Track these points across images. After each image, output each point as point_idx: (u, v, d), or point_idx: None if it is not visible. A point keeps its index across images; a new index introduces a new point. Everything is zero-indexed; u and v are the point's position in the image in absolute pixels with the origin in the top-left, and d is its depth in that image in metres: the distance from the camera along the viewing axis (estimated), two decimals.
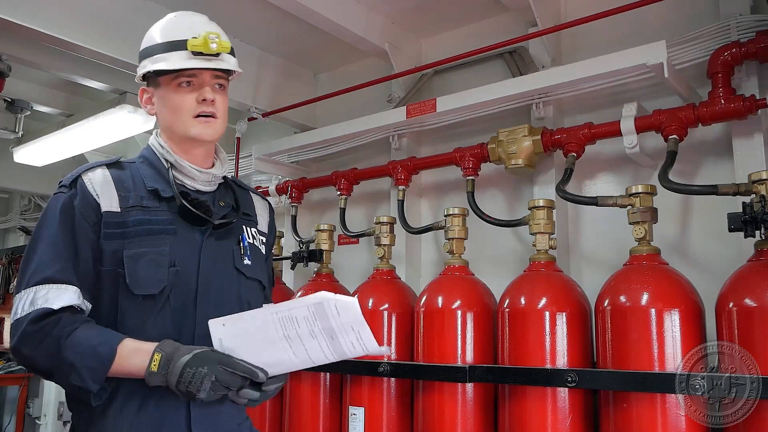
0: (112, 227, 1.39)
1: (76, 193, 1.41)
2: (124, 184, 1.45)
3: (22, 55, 3.09)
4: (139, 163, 1.53)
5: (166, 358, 1.25)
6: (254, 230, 1.61)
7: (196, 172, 1.50)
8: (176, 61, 1.45)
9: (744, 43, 2.19)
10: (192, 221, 1.45)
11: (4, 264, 6.13)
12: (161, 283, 1.37)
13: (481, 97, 2.63)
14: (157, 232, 1.41)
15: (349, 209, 3.25)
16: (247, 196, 1.68)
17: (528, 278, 2.31)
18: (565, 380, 2.01)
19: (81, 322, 1.32)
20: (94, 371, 1.28)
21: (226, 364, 1.24)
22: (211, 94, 1.47)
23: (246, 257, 1.53)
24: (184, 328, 1.39)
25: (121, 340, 1.30)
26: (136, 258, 1.37)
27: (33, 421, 5.46)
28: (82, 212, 1.39)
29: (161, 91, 1.49)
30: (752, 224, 1.87)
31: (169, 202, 1.46)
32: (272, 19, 3.03)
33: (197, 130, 1.47)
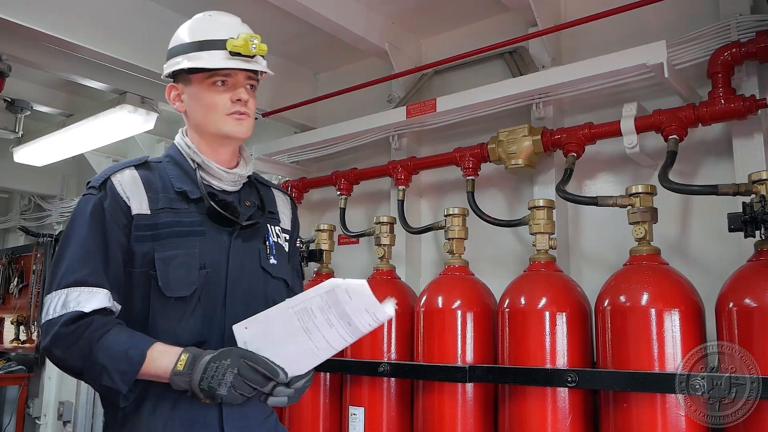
0: (142, 229, 1.41)
1: (105, 195, 1.42)
2: (152, 186, 1.46)
3: (22, 55, 3.09)
4: (166, 162, 1.53)
5: (192, 358, 1.27)
6: (278, 228, 1.62)
7: (222, 172, 1.51)
8: (215, 60, 1.45)
9: (744, 43, 2.19)
10: (220, 222, 1.47)
11: (4, 264, 6.14)
12: (192, 285, 1.39)
13: (481, 97, 2.63)
14: (187, 233, 1.43)
15: (349, 209, 3.25)
16: (270, 193, 1.68)
17: (528, 278, 2.31)
18: (565, 380, 2.01)
19: (112, 324, 1.34)
20: (124, 374, 1.30)
21: (249, 359, 1.25)
22: (246, 94, 1.48)
23: (272, 257, 1.54)
24: (214, 329, 1.42)
25: (152, 344, 1.32)
26: (168, 260, 1.39)
27: (33, 421, 5.46)
28: (112, 214, 1.40)
29: (193, 88, 1.50)
30: (752, 224, 1.87)
31: (197, 203, 1.47)
32: (272, 19, 3.03)
33: (231, 127, 1.48)
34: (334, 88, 3.39)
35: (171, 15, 3.01)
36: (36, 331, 5.55)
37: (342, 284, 1.25)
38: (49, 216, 5.71)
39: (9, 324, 5.87)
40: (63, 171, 5.56)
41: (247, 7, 2.98)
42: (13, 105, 3.93)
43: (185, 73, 1.50)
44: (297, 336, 1.28)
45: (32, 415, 5.46)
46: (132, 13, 2.90)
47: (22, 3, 2.54)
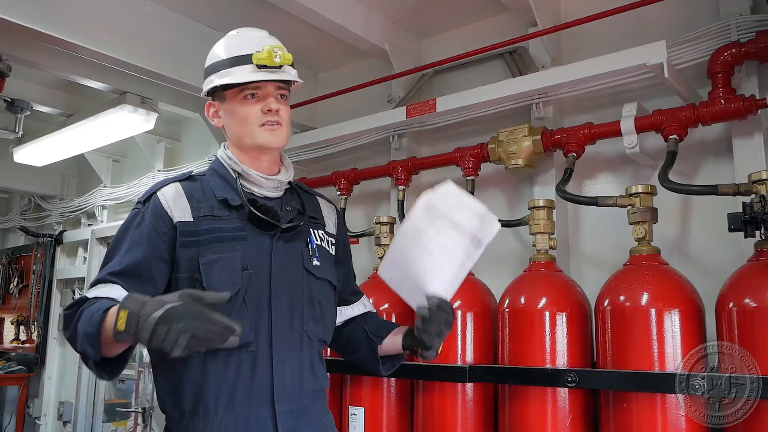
0: (186, 236, 1.47)
1: (148, 207, 1.51)
2: (195, 196, 1.53)
3: (22, 55, 3.09)
4: (209, 175, 1.60)
5: (133, 315, 1.17)
6: (321, 232, 1.67)
7: (262, 179, 1.57)
8: (242, 75, 1.52)
9: (744, 43, 2.19)
10: (261, 226, 1.52)
11: (4, 264, 6.14)
12: (236, 286, 1.43)
13: (481, 97, 2.63)
14: (229, 238, 1.48)
15: (349, 209, 3.25)
16: (313, 200, 1.74)
17: (528, 278, 2.31)
18: (565, 380, 2.01)
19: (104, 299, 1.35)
20: (89, 336, 1.29)
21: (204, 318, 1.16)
22: (276, 104, 1.54)
23: (315, 258, 1.59)
24: (261, 329, 1.46)
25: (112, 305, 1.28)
26: (211, 263, 1.44)
27: (33, 421, 5.46)
28: (153, 224, 1.48)
29: (228, 104, 1.57)
30: (752, 224, 1.88)
31: (239, 210, 1.53)
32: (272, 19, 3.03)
33: (264, 138, 1.54)
34: (334, 88, 3.39)
35: (171, 15, 3.02)
36: (36, 331, 5.55)
37: (431, 195, 1.37)
38: (49, 216, 5.72)
39: (9, 324, 5.88)
40: (63, 171, 5.57)
41: (247, 8, 2.99)
42: (13, 105, 3.93)
43: (219, 90, 1.57)
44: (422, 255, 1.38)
45: (32, 415, 5.46)
46: (132, 13, 2.90)
47: (22, 3, 2.54)
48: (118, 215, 5.13)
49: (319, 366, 1.58)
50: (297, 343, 1.51)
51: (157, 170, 4.59)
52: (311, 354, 1.55)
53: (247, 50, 1.53)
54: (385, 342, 1.73)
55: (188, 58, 2.93)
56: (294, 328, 1.51)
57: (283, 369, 1.47)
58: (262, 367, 1.45)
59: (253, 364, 1.45)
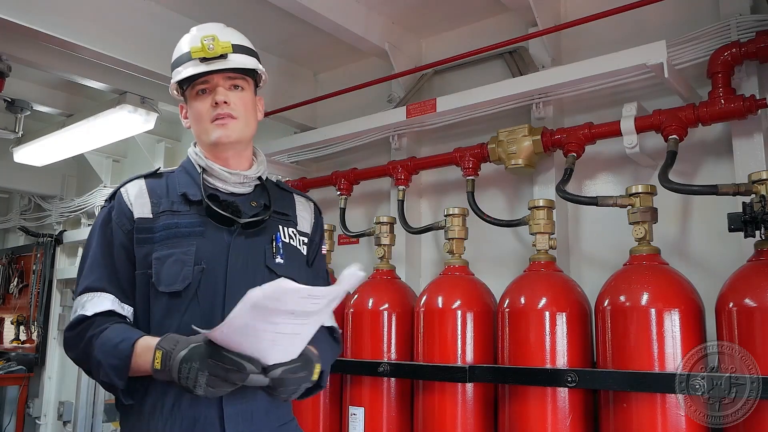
0: (143, 232, 1.46)
1: (113, 205, 1.51)
2: (156, 192, 1.52)
3: (22, 55, 3.09)
4: (178, 171, 1.59)
5: (166, 355, 1.24)
6: (292, 230, 1.61)
7: (226, 174, 1.53)
8: (185, 71, 1.51)
9: (744, 43, 2.19)
10: (220, 222, 1.48)
11: (4, 264, 6.14)
12: (186, 280, 1.41)
13: (481, 97, 2.63)
14: (185, 234, 1.46)
15: (349, 209, 3.25)
16: (288, 197, 1.69)
17: (528, 278, 2.31)
18: (565, 380, 2.01)
19: (113, 322, 1.39)
20: (116, 368, 1.32)
21: (216, 358, 1.18)
22: (222, 95, 1.49)
23: (278, 256, 1.53)
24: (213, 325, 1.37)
25: (139, 337, 1.33)
26: (163, 259, 1.43)
27: (33, 421, 5.46)
28: (118, 222, 1.48)
29: (188, 104, 1.57)
30: (752, 224, 1.87)
31: (198, 205, 1.50)
32: (272, 19, 3.03)
33: (215, 134, 1.51)
34: (334, 88, 3.39)
35: (171, 15, 3.02)
36: (36, 331, 5.55)
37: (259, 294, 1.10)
38: (49, 216, 5.71)
39: (9, 324, 5.88)
40: (63, 171, 5.57)
41: (248, 7, 2.99)
42: (13, 105, 3.93)
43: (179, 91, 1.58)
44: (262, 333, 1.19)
45: (32, 415, 5.46)
46: (132, 13, 2.90)
47: (22, 3, 2.54)
48: None
49: None
50: None
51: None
52: None
53: (192, 44, 1.51)
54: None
55: None
56: None
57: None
58: None
59: None
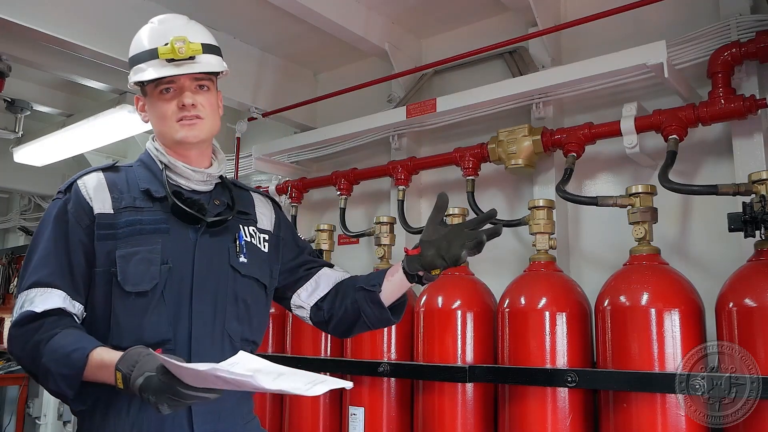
0: (104, 228, 1.40)
1: (70, 198, 1.43)
2: (117, 187, 1.46)
3: (22, 55, 3.09)
4: (137, 166, 1.54)
5: (125, 377, 1.18)
6: (252, 228, 1.60)
7: (190, 171, 1.51)
8: (151, 72, 1.47)
9: (744, 43, 2.19)
10: (185, 220, 1.46)
11: (4, 264, 6.14)
12: (153, 279, 1.38)
13: (481, 97, 2.63)
14: (150, 231, 1.42)
15: (349, 209, 3.25)
16: (247, 195, 1.68)
17: (528, 278, 2.31)
18: (565, 380, 2.01)
19: (63, 327, 1.31)
20: (67, 378, 1.27)
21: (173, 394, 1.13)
22: (191, 98, 1.47)
23: (242, 255, 1.52)
24: (180, 326, 1.39)
25: (93, 348, 1.27)
26: (128, 257, 1.38)
27: (33, 421, 5.46)
28: (75, 216, 1.41)
29: (149, 99, 1.53)
30: (752, 224, 1.87)
31: (162, 201, 1.46)
32: (272, 19, 3.03)
33: (182, 134, 1.48)
34: (334, 88, 3.39)
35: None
36: None
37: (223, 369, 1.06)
38: None
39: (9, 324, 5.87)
40: (63, 171, 5.55)
41: (247, 7, 2.99)
42: (13, 105, 3.93)
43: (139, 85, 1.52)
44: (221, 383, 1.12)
45: (32, 415, 5.46)
46: (132, 12, 2.90)
47: (22, 3, 2.54)
48: None
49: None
50: (219, 342, 1.43)
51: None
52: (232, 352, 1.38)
53: (156, 43, 1.47)
54: (384, 288, 1.60)
55: None
56: (215, 327, 1.44)
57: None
58: None
59: None
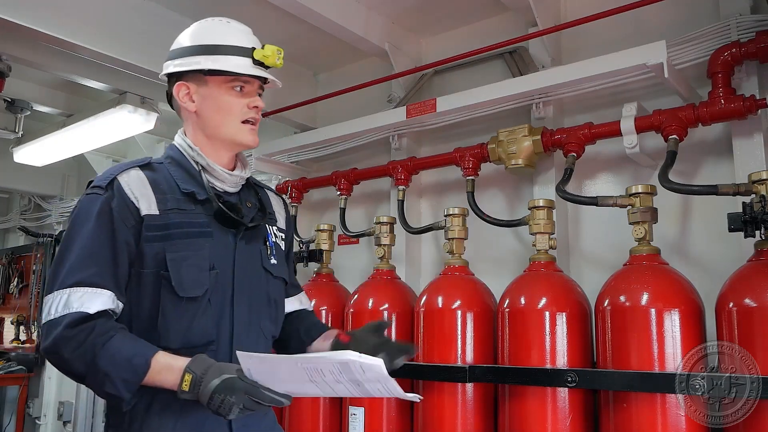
0: (153, 230, 1.39)
1: (113, 195, 1.39)
2: (159, 186, 1.45)
3: (22, 55, 3.08)
4: (167, 164, 1.51)
5: (196, 380, 1.24)
6: (275, 228, 1.64)
7: (226, 175, 1.52)
8: (242, 67, 1.49)
9: (744, 43, 2.19)
10: (226, 224, 1.48)
11: (4, 264, 6.13)
12: (204, 285, 1.40)
13: (481, 97, 2.63)
14: (196, 234, 1.43)
15: (349, 209, 3.25)
16: (265, 194, 1.70)
17: (528, 278, 2.31)
18: (565, 380, 2.01)
19: (116, 330, 1.32)
20: (127, 382, 1.29)
21: (253, 394, 1.22)
22: (261, 102, 1.54)
23: (272, 257, 1.57)
24: (222, 328, 1.43)
25: (155, 354, 1.30)
26: (179, 260, 1.39)
27: (33, 421, 5.46)
28: (120, 215, 1.38)
29: (207, 89, 1.50)
30: (752, 224, 1.88)
31: (204, 204, 1.47)
32: (272, 19, 3.03)
33: (245, 136, 1.52)
34: (334, 88, 3.39)
35: (171, 15, 3.02)
36: (36, 331, 5.55)
37: (356, 361, 1.18)
38: (49, 216, 5.71)
39: (9, 324, 5.87)
40: (63, 171, 5.56)
41: (247, 7, 2.99)
42: (13, 105, 3.93)
43: (203, 74, 1.50)
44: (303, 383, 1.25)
45: (32, 415, 5.46)
46: (132, 12, 2.90)
47: (22, 3, 2.54)
48: None
49: None
50: (254, 342, 1.48)
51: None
52: (266, 350, 1.53)
53: (246, 43, 1.51)
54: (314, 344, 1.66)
55: None
56: (252, 327, 1.49)
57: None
58: None
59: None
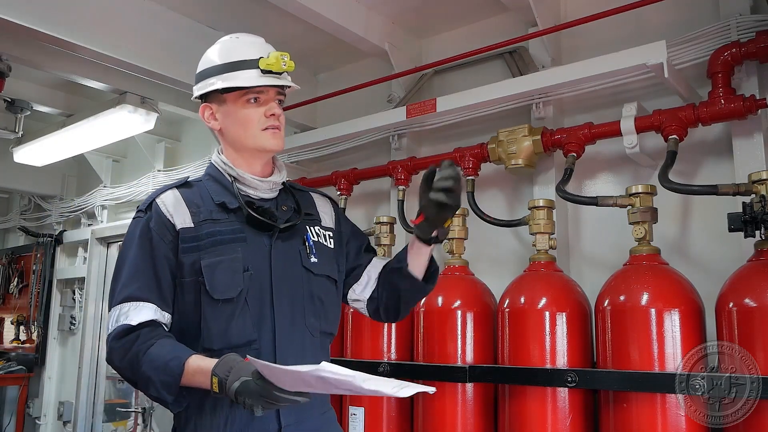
0: (188, 241, 1.50)
1: (151, 216, 1.53)
2: (193, 201, 1.56)
3: (22, 55, 3.09)
4: (206, 180, 1.63)
5: (221, 382, 1.28)
6: (318, 228, 1.68)
7: (257, 182, 1.60)
8: (249, 79, 1.54)
9: (744, 43, 2.19)
10: (259, 227, 1.55)
11: (4, 264, 6.14)
12: (238, 287, 1.47)
13: (481, 97, 2.63)
14: (229, 240, 1.51)
15: (349, 209, 3.25)
16: (307, 197, 1.75)
17: (528, 278, 2.31)
18: (565, 380, 2.01)
19: (159, 337, 1.43)
20: (167, 384, 1.37)
21: (266, 396, 1.24)
22: (278, 108, 1.58)
23: (312, 255, 1.61)
24: (264, 328, 1.49)
25: (189, 356, 1.37)
26: (213, 266, 1.48)
27: (33, 421, 5.46)
28: (159, 233, 1.51)
29: (227, 107, 1.58)
30: (752, 224, 1.88)
31: (236, 212, 1.55)
32: (272, 19, 3.03)
33: (266, 141, 1.57)
34: (334, 88, 3.39)
35: (171, 15, 3.02)
36: (36, 331, 5.55)
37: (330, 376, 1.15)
38: (49, 216, 5.72)
39: (9, 324, 5.88)
40: (63, 171, 5.57)
41: (247, 7, 2.99)
42: (13, 105, 3.93)
43: (219, 93, 1.58)
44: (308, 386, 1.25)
45: (32, 415, 5.46)
46: (132, 13, 2.90)
47: (22, 3, 2.54)
48: (118, 215, 5.12)
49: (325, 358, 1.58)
50: (299, 339, 1.54)
51: (157, 170, 4.59)
52: (314, 348, 1.57)
53: (251, 55, 1.56)
54: (410, 261, 1.64)
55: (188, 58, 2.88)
56: (296, 325, 1.54)
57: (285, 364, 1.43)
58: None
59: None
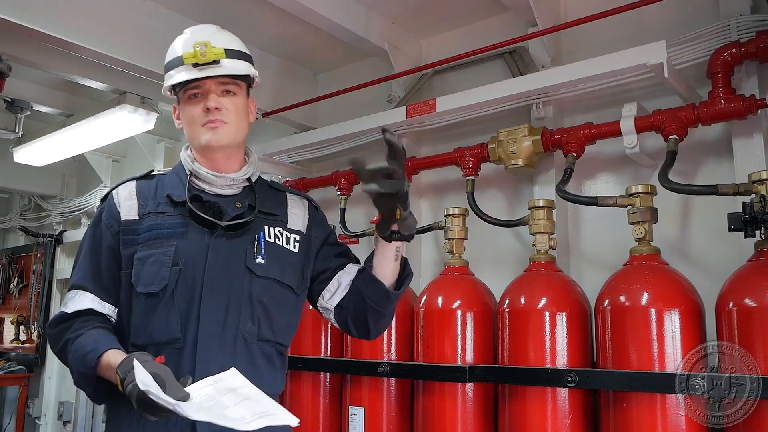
0: (128, 234, 1.50)
1: (104, 207, 1.56)
2: (144, 193, 1.56)
3: (22, 55, 3.08)
4: (170, 174, 1.63)
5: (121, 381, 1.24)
6: (279, 229, 1.60)
7: (211, 176, 1.56)
8: (177, 76, 1.52)
9: (744, 43, 2.19)
10: (202, 223, 1.51)
11: (4, 264, 6.14)
12: (163, 281, 1.44)
13: (481, 97, 2.63)
14: (167, 235, 1.49)
15: (349, 209, 3.25)
16: (281, 196, 1.68)
17: (528, 278, 2.31)
18: (565, 380, 2.01)
19: (90, 327, 1.42)
20: (83, 376, 1.38)
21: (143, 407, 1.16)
22: (215, 101, 1.51)
23: (260, 256, 1.53)
24: (190, 326, 1.44)
25: (106, 350, 1.35)
26: (144, 259, 1.46)
27: (33, 421, 5.46)
28: (107, 223, 1.53)
29: (181, 106, 1.59)
30: (752, 224, 1.87)
31: (182, 206, 1.52)
32: (272, 19, 3.03)
33: (206, 138, 1.53)
34: (334, 88, 3.39)
35: (171, 15, 3.02)
36: (36, 331, 5.56)
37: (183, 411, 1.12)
38: (49, 216, 5.71)
39: (9, 324, 5.88)
40: (63, 171, 5.57)
41: (247, 7, 2.99)
42: (13, 105, 3.93)
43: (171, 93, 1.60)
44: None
45: (32, 415, 5.46)
46: (132, 13, 2.90)
47: (22, 3, 2.53)
48: None
49: (263, 368, 1.49)
50: (230, 344, 1.45)
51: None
52: (249, 355, 1.47)
53: (183, 50, 1.52)
54: (375, 263, 1.58)
55: None
56: (227, 328, 1.45)
57: (206, 369, 1.37)
58: (186, 366, 1.40)
59: (177, 361, 1.40)
